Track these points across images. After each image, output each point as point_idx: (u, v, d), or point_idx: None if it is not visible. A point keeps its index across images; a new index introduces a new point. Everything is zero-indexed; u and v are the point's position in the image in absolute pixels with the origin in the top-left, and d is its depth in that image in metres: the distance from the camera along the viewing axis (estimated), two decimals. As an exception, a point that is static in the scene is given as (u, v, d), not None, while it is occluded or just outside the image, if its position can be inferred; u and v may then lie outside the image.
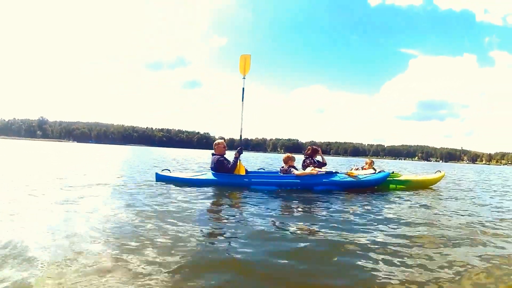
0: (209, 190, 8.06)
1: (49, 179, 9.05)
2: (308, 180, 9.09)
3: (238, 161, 9.12)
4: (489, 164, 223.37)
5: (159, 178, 9.58)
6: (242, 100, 9.90)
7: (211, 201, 6.85)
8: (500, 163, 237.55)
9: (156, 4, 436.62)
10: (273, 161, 33.19)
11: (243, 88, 9.88)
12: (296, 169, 9.51)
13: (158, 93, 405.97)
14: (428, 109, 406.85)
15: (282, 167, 9.70)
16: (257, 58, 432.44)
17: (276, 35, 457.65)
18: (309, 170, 9.43)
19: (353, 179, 9.31)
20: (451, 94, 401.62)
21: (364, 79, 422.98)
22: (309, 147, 10.70)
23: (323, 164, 10.48)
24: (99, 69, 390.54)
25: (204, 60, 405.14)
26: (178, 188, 8.21)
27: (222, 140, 9.55)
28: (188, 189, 8.07)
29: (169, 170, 10.16)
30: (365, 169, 10.78)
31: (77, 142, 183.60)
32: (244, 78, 9.87)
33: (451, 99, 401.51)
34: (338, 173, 9.57)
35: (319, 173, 9.39)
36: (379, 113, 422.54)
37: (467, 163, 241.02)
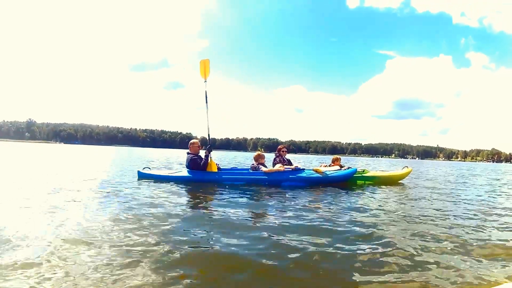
0: (185, 186, 8.69)
1: (36, 179, 9.43)
2: (275, 176, 9.62)
3: (209, 158, 9.69)
4: (464, 161, 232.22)
5: (141, 175, 10.24)
6: (206, 103, 10.27)
7: (185, 196, 7.34)
8: (476, 159, 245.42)
9: (140, 7, 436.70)
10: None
11: (206, 92, 10.25)
12: (265, 166, 10.03)
13: (142, 94, 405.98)
14: (404, 108, 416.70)
15: (252, 164, 10.23)
16: (238, 59, 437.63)
17: (257, 37, 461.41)
18: (277, 167, 9.98)
19: (320, 175, 9.77)
20: (427, 93, 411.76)
21: (342, 79, 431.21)
22: (279, 146, 11.16)
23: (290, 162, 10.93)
24: (84, 70, 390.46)
25: (187, 61, 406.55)
26: (157, 184, 8.90)
27: (197, 140, 10.08)
28: (166, 185, 8.76)
29: (149, 168, 10.86)
30: (331, 165, 11.10)
31: (64, 143, 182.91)
32: (205, 81, 10.26)
33: (427, 99, 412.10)
34: (305, 169, 10.15)
35: (286, 169, 9.91)
36: (356, 112, 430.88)
37: (443, 160, 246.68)
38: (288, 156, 11.27)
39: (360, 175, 10.83)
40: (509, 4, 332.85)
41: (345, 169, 10.34)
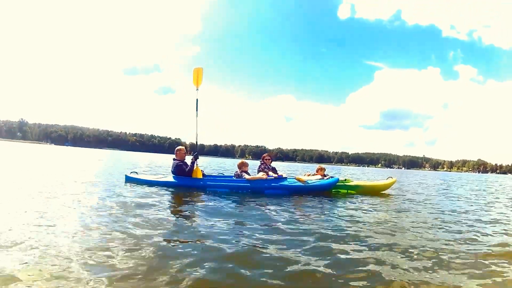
0: (169, 191, 8.91)
1: (27, 181, 9.44)
2: (257, 184, 9.75)
3: (195, 165, 9.85)
4: (450, 171, 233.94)
5: (128, 179, 10.46)
6: (196, 110, 10.35)
7: (168, 201, 7.48)
8: (461, 170, 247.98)
9: (134, 10, 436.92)
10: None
11: (197, 99, 10.35)
12: (248, 174, 10.13)
13: (132, 98, 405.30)
14: (392, 119, 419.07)
15: (236, 172, 10.35)
16: (229, 67, 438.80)
17: (247, 45, 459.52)
18: (260, 175, 10.15)
19: (302, 184, 9.84)
20: (415, 105, 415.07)
21: (331, 89, 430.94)
22: (263, 155, 11.32)
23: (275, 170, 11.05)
24: (77, 72, 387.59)
25: (178, 67, 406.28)
26: (143, 188, 9.12)
27: (183, 147, 10.26)
28: (151, 189, 8.99)
29: (136, 173, 11.01)
30: (315, 175, 11.14)
31: (54, 144, 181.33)
32: (197, 89, 10.36)
33: (415, 110, 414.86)
34: (287, 178, 10.27)
35: (269, 177, 10.08)
36: (344, 122, 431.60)
37: (429, 170, 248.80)
38: (276, 164, 11.25)
39: (343, 184, 10.84)
40: (498, 19, 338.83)
41: (327, 179, 10.47)
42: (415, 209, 8.20)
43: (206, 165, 27.91)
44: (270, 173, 10.54)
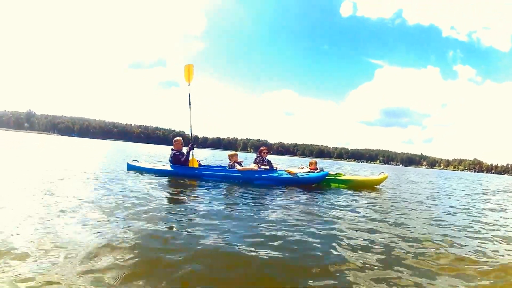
0: (166, 178, 9.53)
1: (35, 168, 9.95)
2: (248, 174, 10.15)
3: (191, 155, 10.39)
4: (446, 169, 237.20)
5: (130, 167, 11.14)
6: (189, 104, 10.69)
7: (163, 187, 7.96)
8: (458, 168, 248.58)
9: (140, 5, 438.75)
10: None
11: (189, 94, 10.66)
12: (240, 164, 10.52)
13: (138, 91, 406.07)
14: (391, 116, 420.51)
15: (229, 162, 10.74)
16: (232, 62, 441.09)
17: (251, 41, 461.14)
18: (252, 166, 10.55)
19: (291, 176, 10.06)
20: (414, 103, 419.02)
21: (332, 86, 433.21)
22: (260, 148, 11.51)
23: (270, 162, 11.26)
24: (85, 65, 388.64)
25: (183, 61, 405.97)
26: (143, 175, 9.87)
27: (180, 138, 10.74)
28: (150, 176, 9.72)
29: (137, 161, 11.66)
30: (307, 168, 11.18)
31: (61, 135, 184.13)
32: (189, 85, 10.67)
33: (414, 108, 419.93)
34: (277, 170, 10.50)
35: (259, 169, 10.36)
36: (345, 118, 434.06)
37: (426, 167, 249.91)
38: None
39: (334, 178, 10.86)
40: (498, 21, 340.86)
41: (317, 172, 10.53)
42: (398, 205, 7.92)
43: (210, 156, 28.07)
44: (262, 166, 10.80)
